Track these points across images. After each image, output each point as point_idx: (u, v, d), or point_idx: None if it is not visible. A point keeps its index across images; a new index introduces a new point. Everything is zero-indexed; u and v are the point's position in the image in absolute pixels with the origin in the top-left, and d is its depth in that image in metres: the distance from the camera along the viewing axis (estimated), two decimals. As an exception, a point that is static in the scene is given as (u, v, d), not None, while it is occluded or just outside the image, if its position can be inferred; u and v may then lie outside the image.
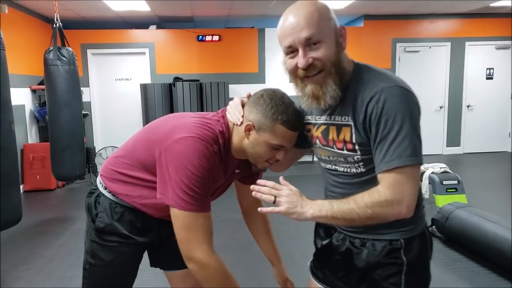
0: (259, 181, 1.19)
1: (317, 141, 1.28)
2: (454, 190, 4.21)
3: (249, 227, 1.70)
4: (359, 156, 1.17)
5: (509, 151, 7.56)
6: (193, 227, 1.25)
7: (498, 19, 7.21)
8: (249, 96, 1.35)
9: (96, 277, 1.49)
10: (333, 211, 1.11)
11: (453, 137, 7.50)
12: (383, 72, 1.17)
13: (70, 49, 4.11)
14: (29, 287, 2.77)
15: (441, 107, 7.40)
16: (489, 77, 7.43)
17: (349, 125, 1.15)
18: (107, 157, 5.79)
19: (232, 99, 1.40)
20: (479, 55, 7.34)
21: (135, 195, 1.40)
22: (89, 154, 6.22)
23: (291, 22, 1.11)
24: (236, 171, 1.44)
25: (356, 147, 1.16)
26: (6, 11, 4.52)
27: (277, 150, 1.29)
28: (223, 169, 1.36)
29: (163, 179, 1.26)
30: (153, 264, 1.68)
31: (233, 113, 1.32)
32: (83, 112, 6.13)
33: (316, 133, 1.27)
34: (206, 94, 6.35)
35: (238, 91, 6.92)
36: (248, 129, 1.27)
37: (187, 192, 1.22)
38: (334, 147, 1.21)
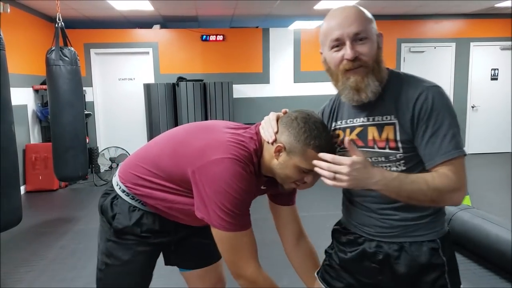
0: (321, 155, 1.14)
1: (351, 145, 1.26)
2: (459, 191, 4.17)
3: (294, 264, 1.53)
4: (401, 154, 1.21)
5: (511, 151, 7.49)
6: (239, 247, 1.28)
7: (503, 19, 7.15)
8: (285, 112, 1.33)
9: (112, 277, 1.47)
10: (400, 189, 1.13)
11: (458, 138, 7.43)
12: (414, 75, 1.27)
13: (72, 49, 4.10)
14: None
15: (445, 108, 7.34)
16: (494, 78, 7.38)
17: (393, 124, 1.21)
18: (110, 158, 5.82)
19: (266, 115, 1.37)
20: (484, 56, 7.29)
21: (160, 198, 1.38)
22: (92, 155, 6.22)
23: (341, 17, 1.20)
24: (262, 187, 1.42)
25: (399, 144, 1.20)
26: (9, 10, 4.52)
27: (306, 174, 1.28)
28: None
29: (202, 199, 1.25)
30: (168, 262, 1.67)
31: (267, 129, 1.30)
32: (86, 112, 6.14)
33: (351, 136, 1.28)
34: (210, 94, 6.33)
35: (243, 91, 6.91)
36: (278, 151, 1.26)
37: (229, 214, 1.22)
38: (375, 146, 1.24)
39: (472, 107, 7.39)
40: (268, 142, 1.29)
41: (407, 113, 1.18)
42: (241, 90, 6.91)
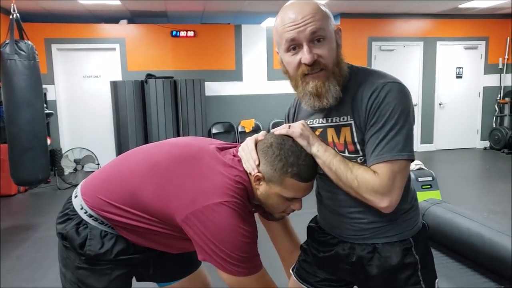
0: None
1: None
2: (429, 186, 4.23)
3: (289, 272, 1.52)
4: (362, 157, 1.16)
5: (477, 147, 7.76)
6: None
7: (466, 20, 7.39)
8: (264, 135, 1.23)
9: None
10: (331, 162, 1.13)
11: (427, 134, 7.62)
12: (379, 71, 1.18)
13: (29, 42, 3.83)
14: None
15: (415, 105, 7.48)
16: (459, 76, 7.61)
17: (349, 124, 1.15)
18: (75, 160, 5.54)
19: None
20: (449, 55, 7.50)
21: (136, 228, 1.24)
22: (55, 156, 5.91)
23: (295, 15, 1.08)
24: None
25: (358, 146, 1.16)
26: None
27: (291, 201, 1.21)
28: None
29: (205, 246, 1.14)
30: (141, 279, 1.50)
31: (247, 160, 1.19)
32: (48, 111, 5.83)
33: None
34: (180, 92, 6.14)
35: (215, 89, 6.77)
36: (258, 180, 1.18)
37: (239, 259, 1.13)
38: (335, 149, 1.19)
39: (440, 104, 7.58)
40: (250, 174, 1.19)
41: (361, 112, 1.12)
42: (213, 88, 6.76)
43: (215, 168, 1.18)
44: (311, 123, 1.24)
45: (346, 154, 1.17)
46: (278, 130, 1.19)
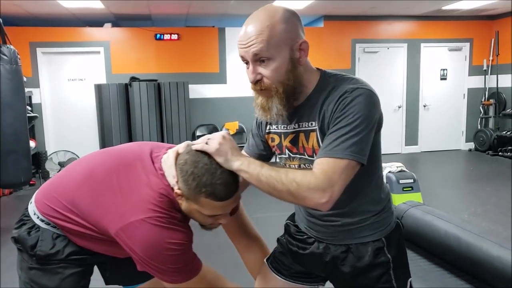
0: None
1: (287, 151, 1.26)
2: (410, 188, 4.27)
3: (248, 266, 1.55)
4: None
5: (462, 149, 7.84)
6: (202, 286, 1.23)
7: (450, 21, 7.47)
8: (186, 147, 1.20)
9: None
10: (260, 172, 1.09)
11: (411, 136, 7.69)
12: (350, 76, 1.19)
13: (11, 47, 3.84)
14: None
15: (399, 107, 7.57)
16: (443, 77, 7.68)
17: (315, 130, 1.17)
18: (59, 162, 5.52)
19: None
20: (434, 56, 7.57)
21: (80, 233, 1.26)
22: (40, 159, 5.90)
23: (244, 34, 1.11)
24: None
25: None
26: None
27: (215, 217, 1.20)
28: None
29: (139, 261, 1.16)
30: (108, 282, 1.53)
31: (168, 174, 1.18)
32: (32, 115, 5.82)
33: (285, 142, 1.26)
34: (164, 95, 6.16)
35: (199, 91, 6.78)
36: (178, 196, 1.16)
37: (173, 270, 1.16)
38: (305, 153, 1.21)
39: (424, 106, 7.65)
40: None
41: (327, 117, 1.14)
42: (197, 91, 6.78)
43: (144, 179, 1.19)
44: (285, 128, 1.26)
45: (314, 158, 1.16)
46: (195, 145, 1.17)
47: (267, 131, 1.33)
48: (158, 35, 6.60)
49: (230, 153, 1.12)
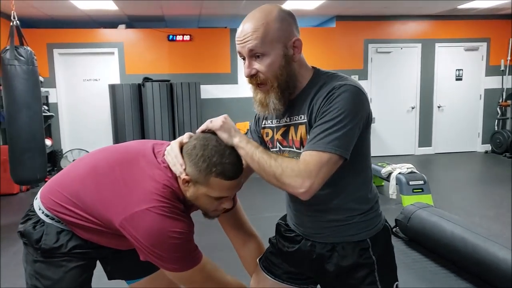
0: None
1: (277, 144, 1.32)
2: (421, 190, 4.25)
3: (245, 263, 1.59)
4: None
5: (478, 150, 7.70)
6: (202, 278, 1.28)
7: (466, 21, 7.35)
8: (189, 137, 1.27)
9: None
10: (254, 152, 1.17)
11: (425, 137, 7.59)
12: (341, 75, 1.24)
13: (28, 48, 3.97)
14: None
15: (413, 108, 7.49)
16: (459, 78, 7.55)
17: (304, 123, 1.22)
18: (73, 160, 5.63)
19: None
20: (449, 57, 7.45)
21: (83, 227, 1.31)
22: (56, 157, 6.06)
23: (241, 31, 1.19)
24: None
25: None
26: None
27: (221, 200, 1.26)
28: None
29: (142, 250, 1.21)
30: (111, 277, 1.58)
31: (173, 164, 1.23)
32: (48, 114, 5.98)
33: (277, 135, 1.32)
34: (177, 95, 6.24)
35: (211, 91, 6.85)
36: (186, 182, 1.22)
37: (175, 258, 1.20)
38: (294, 146, 1.26)
39: (438, 107, 7.55)
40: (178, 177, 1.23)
41: (314, 111, 1.19)
42: (209, 91, 6.85)
43: (147, 172, 1.24)
44: (277, 122, 1.31)
45: (302, 150, 1.22)
46: (200, 128, 1.26)
47: (262, 126, 1.39)
48: (171, 36, 6.70)
49: (233, 130, 1.22)
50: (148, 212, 1.17)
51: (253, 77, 1.20)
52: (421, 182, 4.29)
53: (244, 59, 1.21)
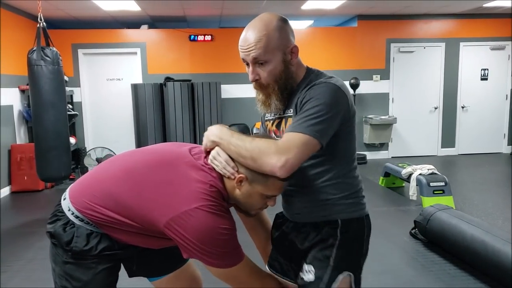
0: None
1: (273, 135, 1.46)
2: (441, 192, 4.18)
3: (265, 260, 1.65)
4: None
5: (504, 152, 7.49)
6: (244, 275, 1.33)
7: (492, 19, 7.17)
8: None
9: None
10: (229, 141, 1.25)
11: (448, 138, 7.45)
12: (327, 74, 1.37)
13: (54, 49, 4.09)
14: (3, 289, 2.76)
15: (435, 108, 7.35)
16: (484, 78, 7.38)
17: (291, 116, 1.35)
18: (96, 158, 5.79)
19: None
20: (474, 56, 7.29)
21: (118, 230, 1.33)
22: (80, 155, 6.22)
23: (245, 40, 1.31)
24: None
25: None
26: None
27: (269, 199, 1.32)
28: None
29: (189, 248, 1.24)
30: (132, 274, 1.60)
31: (223, 167, 1.29)
32: (72, 113, 6.15)
33: (272, 127, 1.47)
34: (197, 94, 6.32)
35: (231, 91, 6.90)
36: (240, 181, 1.27)
37: (221, 254, 1.25)
38: (282, 136, 1.38)
39: (462, 107, 7.40)
40: (228, 178, 1.29)
41: (297, 103, 1.33)
42: (229, 90, 6.90)
43: (190, 174, 1.27)
44: (274, 115, 1.46)
45: None
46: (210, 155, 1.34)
47: (265, 119, 1.54)
48: (192, 36, 6.78)
49: (208, 136, 1.33)
50: (198, 211, 1.21)
51: (256, 81, 1.35)
52: (442, 183, 4.21)
53: (247, 64, 1.34)
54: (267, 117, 1.52)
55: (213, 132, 1.32)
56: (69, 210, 1.36)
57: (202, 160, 1.33)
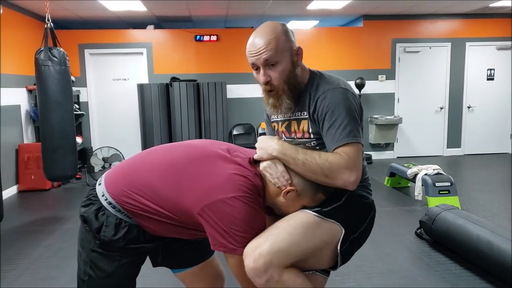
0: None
1: (282, 135, 1.56)
2: (447, 192, 4.16)
3: None
4: (314, 142, 1.48)
5: (510, 152, 7.45)
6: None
7: (499, 19, 7.13)
8: None
9: None
10: (296, 156, 1.31)
11: (454, 138, 7.42)
12: (332, 77, 1.47)
13: (61, 49, 4.11)
14: (10, 287, 2.77)
15: (441, 108, 7.32)
16: (490, 78, 7.34)
17: (306, 118, 1.46)
18: (103, 158, 5.84)
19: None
20: (480, 56, 7.26)
21: (150, 219, 1.36)
22: (86, 154, 6.26)
23: (254, 45, 1.39)
24: None
25: (311, 135, 1.48)
26: (1, 11, 4.57)
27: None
28: None
29: (219, 235, 1.27)
30: (157, 264, 1.64)
31: (278, 177, 1.35)
32: (79, 112, 6.19)
33: (281, 128, 1.56)
34: (203, 94, 6.35)
35: (236, 91, 6.92)
36: (288, 192, 1.34)
37: (245, 239, 1.28)
38: (295, 136, 1.51)
39: (468, 107, 7.36)
40: (277, 187, 1.36)
41: (311, 110, 1.43)
42: (234, 90, 6.92)
43: (228, 167, 1.32)
44: (283, 116, 1.54)
45: (303, 139, 1.49)
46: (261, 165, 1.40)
47: (271, 121, 1.63)
48: (198, 36, 6.80)
49: (266, 149, 1.38)
50: (235, 200, 1.25)
51: (267, 84, 1.41)
52: (448, 183, 4.20)
53: (256, 69, 1.42)
54: (273, 118, 1.59)
55: (273, 147, 1.35)
56: (103, 195, 1.39)
57: (241, 157, 1.38)
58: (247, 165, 1.35)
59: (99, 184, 1.43)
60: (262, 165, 1.37)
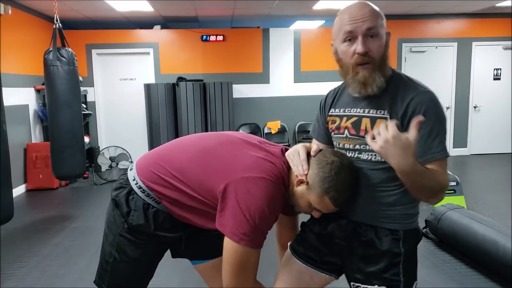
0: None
1: (345, 131, 1.38)
2: (453, 191, 4.15)
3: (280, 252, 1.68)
4: None
5: (510, 152, 7.41)
6: (246, 263, 1.29)
7: (505, 19, 7.09)
8: (317, 151, 1.36)
9: (119, 272, 1.48)
10: (419, 181, 1.21)
11: (460, 138, 7.40)
12: (415, 79, 1.35)
13: (69, 49, 4.16)
14: (20, 285, 2.82)
15: (447, 108, 7.30)
16: (497, 77, 7.31)
17: (385, 118, 1.28)
18: (110, 157, 5.89)
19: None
20: (486, 56, 7.22)
21: (177, 200, 1.39)
22: (93, 154, 6.32)
23: (356, 13, 1.26)
24: None
25: None
26: (10, 11, 4.62)
27: (316, 210, 1.35)
28: None
29: (229, 211, 1.26)
30: (176, 255, 1.67)
31: (297, 165, 1.34)
32: (87, 112, 6.24)
33: (346, 123, 1.38)
34: (209, 94, 6.38)
35: (242, 91, 6.95)
36: (300, 182, 1.31)
37: (253, 228, 1.25)
38: (364, 135, 1.32)
39: (474, 107, 7.33)
40: (296, 175, 1.34)
41: (400, 110, 1.27)
42: (241, 90, 6.94)
43: (258, 152, 1.35)
44: (348, 111, 1.38)
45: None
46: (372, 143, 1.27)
47: (329, 114, 1.47)
48: (204, 37, 6.84)
49: (397, 157, 1.17)
50: (261, 179, 1.26)
51: (365, 55, 1.25)
52: (453, 183, 4.19)
53: (350, 40, 1.27)
54: (332, 112, 1.44)
55: (408, 157, 1.16)
56: (133, 179, 1.44)
57: (272, 147, 1.40)
58: (278, 154, 1.37)
59: (131, 169, 1.48)
60: (288, 151, 1.38)
